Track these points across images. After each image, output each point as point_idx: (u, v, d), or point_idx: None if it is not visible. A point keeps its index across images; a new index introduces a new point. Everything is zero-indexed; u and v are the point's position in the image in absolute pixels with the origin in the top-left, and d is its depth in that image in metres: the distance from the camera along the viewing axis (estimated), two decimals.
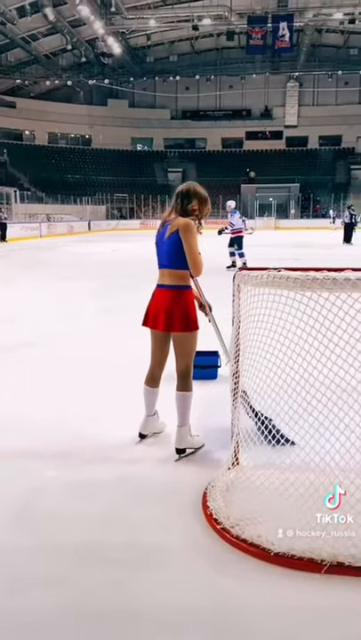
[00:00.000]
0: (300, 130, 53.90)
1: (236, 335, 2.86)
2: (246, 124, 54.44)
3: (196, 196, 3.15)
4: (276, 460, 2.94)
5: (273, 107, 54.42)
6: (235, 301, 2.88)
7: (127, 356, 5.52)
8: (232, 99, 53.66)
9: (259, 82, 51.81)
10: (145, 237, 13.81)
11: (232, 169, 50.47)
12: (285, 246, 21.17)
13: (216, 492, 2.74)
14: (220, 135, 54.39)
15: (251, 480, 2.78)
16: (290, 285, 2.40)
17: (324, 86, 51.69)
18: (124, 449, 3.39)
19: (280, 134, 54.51)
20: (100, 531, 2.58)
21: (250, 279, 2.62)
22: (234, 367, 2.90)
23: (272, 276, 2.46)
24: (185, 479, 3.01)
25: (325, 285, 2.31)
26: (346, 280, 2.29)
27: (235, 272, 2.84)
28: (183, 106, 54.62)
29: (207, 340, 5.13)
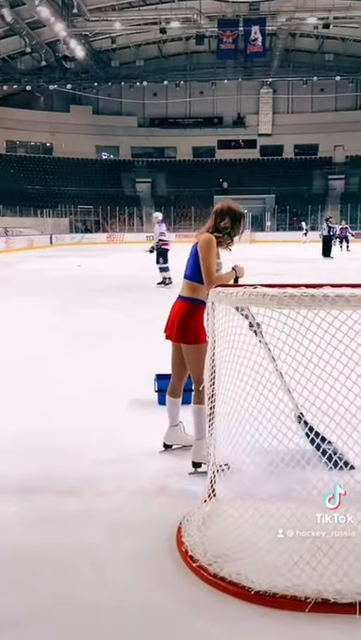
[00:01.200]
0: (274, 138, 55.02)
1: (212, 356, 2.88)
2: (218, 132, 55.32)
3: (229, 213, 3.49)
4: (254, 490, 2.95)
5: (246, 114, 55.50)
6: (209, 320, 2.90)
7: (91, 379, 5.50)
8: (203, 105, 54.54)
9: (231, 88, 52.85)
10: (112, 252, 13.85)
11: (204, 179, 51.10)
12: (262, 261, 21.41)
13: (191, 526, 2.73)
14: (190, 144, 55.12)
15: (228, 513, 2.78)
16: (266, 303, 2.44)
17: (299, 93, 53.01)
18: (92, 480, 3.36)
19: (254, 143, 55.54)
20: (65, 570, 2.54)
21: (225, 297, 2.65)
22: (209, 390, 2.91)
23: (248, 294, 2.49)
24: (157, 513, 3.00)
25: (303, 303, 2.36)
26: (324, 297, 2.34)
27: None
28: (151, 113, 55.26)
29: None
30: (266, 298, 2.42)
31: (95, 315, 9.40)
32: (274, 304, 2.42)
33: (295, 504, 2.70)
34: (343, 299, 2.32)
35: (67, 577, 2.50)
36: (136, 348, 6.72)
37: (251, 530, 2.65)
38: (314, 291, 2.39)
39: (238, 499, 2.89)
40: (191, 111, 55.39)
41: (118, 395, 4.90)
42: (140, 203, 51.60)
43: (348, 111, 53.23)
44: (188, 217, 49.25)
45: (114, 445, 3.85)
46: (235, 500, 2.88)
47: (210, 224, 3.52)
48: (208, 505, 2.90)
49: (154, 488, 3.28)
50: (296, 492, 2.78)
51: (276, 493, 2.85)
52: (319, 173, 53.08)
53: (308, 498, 2.73)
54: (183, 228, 48.70)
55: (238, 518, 2.69)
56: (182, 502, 3.06)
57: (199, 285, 3.45)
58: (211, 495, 2.94)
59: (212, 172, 52.09)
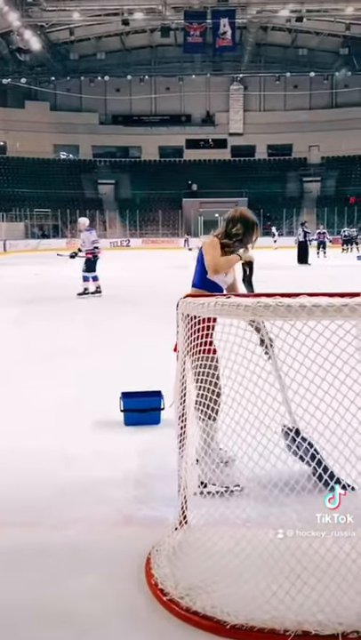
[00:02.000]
0: (246, 138, 55.72)
1: (182, 372, 2.89)
2: (186, 130, 55.78)
3: (241, 220, 3.60)
4: (229, 515, 2.96)
5: (216, 112, 56.11)
6: (179, 333, 2.91)
7: (51, 396, 5.45)
8: (169, 102, 54.95)
9: (199, 84, 53.40)
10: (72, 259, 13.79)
11: (171, 181, 51.37)
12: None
13: (161, 557, 2.72)
14: (156, 143, 55.40)
15: (201, 541, 2.78)
16: (240, 314, 2.46)
17: (272, 90, 53.87)
18: (50, 509, 3.32)
19: (224, 143, 56.14)
20: (22, 610, 2.50)
21: (195, 307, 2.67)
22: (180, 410, 2.92)
23: (220, 304, 2.51)
24: (124, 544, 2.98)
25: (279, 313, 2.39)
26: (301, 307, 2.38)
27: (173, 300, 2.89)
28: (113, 109, 55.43)
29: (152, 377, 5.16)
30: (240, 308, 2.45)
31: (56, 327, 9.34)
32: (248, 314, 2.45)
33: (273, 529, 2.72)
34: (320, 308, 2.36)
35: (24, 618, 2.46)
36: (101, 364, 6.69)
37: (226, 558, 2.66)
38: (290, 300, 2.42)
39: (212, 525, 2.89)
40: (157, 108, 55.74)
41: (81, 414, 4.87)
42: (102, 206, 51.56)
43: (324, 109, 54.29)
44: (155, 221, 49.44)
45: (75, 470, 3.82)
46: (208, 527, 2.88)
47: (220, 230, 3.63)
48: (179, 533, 2.89)
49: (119, 516, 3.26)
50: (274, 516, 2.80)
51: (253, 518, 2.86)
52: (294, 175, 53.88)
53: (286, 522, 2.75)
54: (150, 234, 48.86)
55: (212, 546, 2.69)
56: (151, 531, 3.04)
57: (202, 291, 3.52)
58: (182, 522, 2.94)
59: (180, 174, 52.42)
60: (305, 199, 52.06)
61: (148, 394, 4.72)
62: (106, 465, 3.90)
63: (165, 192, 51.20)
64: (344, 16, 41.88)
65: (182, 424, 2.92)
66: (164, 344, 4.70)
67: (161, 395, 4.68)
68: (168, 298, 13.05)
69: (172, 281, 16.61)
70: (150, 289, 14.83)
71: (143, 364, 6.36)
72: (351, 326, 2.53)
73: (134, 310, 11.05)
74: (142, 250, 43.05)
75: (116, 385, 5.07)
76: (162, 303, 11.53)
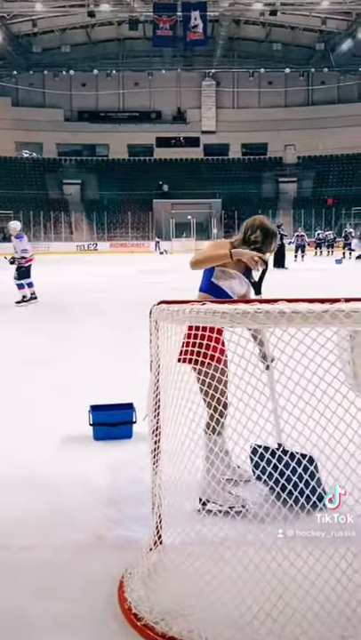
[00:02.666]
0: (219, 136, 56.12)
1: (156, 383, 2.89)
2: (156, 128, 55.98)
3: (261, 227, 3.63)
4: (206, 534, 2.96)
5: (187, 109, 56.43)
6: (152, 342, 2.91)
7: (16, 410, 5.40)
8: (138, 98, 55.10)
9: (169, 79, 53.69)
10: (35, 264, 13.67)
11: (141, 181, 51.44)
12: None
13: (135, 579, 2.71)
14: (125, 141, 55.47)
15: (177, 562, 2.77)
16: (217, 321, 2.47)
17: (246, 86, 54.41)
18: (15, 530, 3.28)
19: (196, 141, 56.46)
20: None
21: (170, 315, 2.67)
22: (153, 423, 2.91)
23: (196, 311, 2.52)
24: (95, 567, 2.95)
25: (258, 320, 2.40)
26: (280, 313, 2.39)
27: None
28: (79, 105, 55.37)
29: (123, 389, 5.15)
30: (216, 315, 2.45)
31: (14, 337, 9.25)
32: (225, 322, 2.46)
33: (253, 548, 2.72)
34: (300, 315, 2.38)
35: None
36: (66, 376, 6.64)
37: (203, 580, 2.65)
38: (268, 306, 2.43)
39: (188, 545, 2.89)
40: (125, 104, 55.84)
41: (46, 430, 4.83)
42: (67, 207, 51.38)
43: (299, 107, 55.02)
44: (124, 224, 49.41)
45: (42, 489, 3.78)
46: (184, 547, 2.87)
47: (238, 237, 3.69)
48: (154, 554, 2.88)
49: (90, 538, 3.23)
50: (252, 534, 2.80)
51: (231, 537, 2.87)
52: (269, 176, 54.39)
53: (265, 541, 2.76)
54: (119, 237, 48.79)
55: (189, 567, 2.68)
56: (124, 553, 3.02)
57: (213, 298, 3.52)
58: (157, 543, 2.93)
59: (150, 173, 52.53)
60: (281, 200, 52.57)
61: (118, 406, 4.71)
62: (74, 483, 3.86)
63: (135, 193, 51.22)
64: (320, 10, 42.59)
65: (156, 438, 2.91)
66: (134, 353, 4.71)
67: (133, 407, 4.66)
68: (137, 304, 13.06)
69: (143, 287, 16.67)
70: (118, 295, 14.79)
71: (112, 375, 6.34)
72: (332, 333, 2.56)
73: (101, 318, 11.00)
74: (110, 254, 42.94)
75: (84, 397, 5.04)
76: (130, 310, 11.56)
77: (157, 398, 2.93)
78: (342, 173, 53.27)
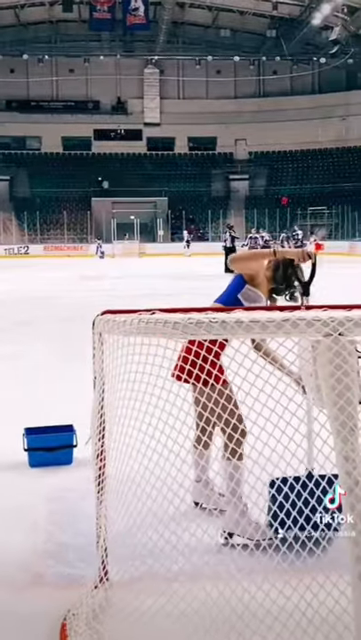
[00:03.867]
0: (164, 129, 56.44)
1: (100, 402, 2.87)
2: (94, 119, 55.89)
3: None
4: (159, 568, 2.95)
5: (128, 99, 56.58)
6: (96, 357, 2.89)
7: None
8: (74, 86, 54.92)
9: (108, 66, 53.69)
10: None
11: (78, 177, 51.25)
12: (153, 277, 21.70)
13: (79, 621, 2.68)
14: (59, 133, 55.16)
15: (126, 600, 2.75)
16: (168, 332, 2.47)
17: (192, 75, 54.86)
18: None
19: (139, 134, 56.64)
20: None
21: (115, 326, 2.66)
22: (98, 446, 2.89)
23: (145, 321, 2.51)
24: (32, 608, 2.91)
25: (213, 330, 2.41)
26: (238, 323, 2.41)
27: (95, 317, 2.86)
28: (8, 93, 54.73)
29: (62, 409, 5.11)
30: (168, 326, 2.45)
31: None
32: (178, 333, 2.46)
33: (211, 582, 2.72)
34: (259, 324, 2.40)
35: None
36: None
37: (156, 619, 2.64)
38: (224, 315, 2.45)
39: (138, 581, 2.87)
40: (60, 93, 55.59)
41: None
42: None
43: (251, 98, 55.85)
44: (59, 224, 49.06)
45: None
46: (133, 583, 2.86)
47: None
48: (99, 592, 2.86)
49: (27, 575, 3.19)
50: (209, 566, 2.81)
51: (186, 571, 2.86)
52: (219, 173, 54.96)
53: (223, 574, 2.76)
54: (53, 239, 48.40)
55: (140, 606, 2.67)
56: (66, 592, 2.99)
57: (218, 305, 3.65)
58: (102, 579, 2.90)
59: (87, 169, 52.40)
60: (232, 199, 53.16)
61: (57, 429, 4.66)
62: (8, 515, 3.81)
63: (71, 190, 50.96)
64: None
65: (101, 463, 2.89)
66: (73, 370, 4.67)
67: (73, 429, 4.62)
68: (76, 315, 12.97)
69: (81, 294, 16.55)
70: (54, 305, 14.64)
71: (49, 395, 6.26)
72: (294, 344, 2.60)
73: (34, 331, 10.84)
74: (44, 258, 42.57)
75: (18, 420, 4.96)
76: (68, 321, 11.45)
77: (102, 419, 2.91)
78: (297, 171, 54.27)
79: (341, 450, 2.38)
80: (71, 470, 4.50)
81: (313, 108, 53.47)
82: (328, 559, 2.59)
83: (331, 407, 2.41)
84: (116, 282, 21.01)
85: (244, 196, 53.68)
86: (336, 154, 54.27)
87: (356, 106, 52.96)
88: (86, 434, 3.91)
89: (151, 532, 2.93)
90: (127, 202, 48.52)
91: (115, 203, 49.39)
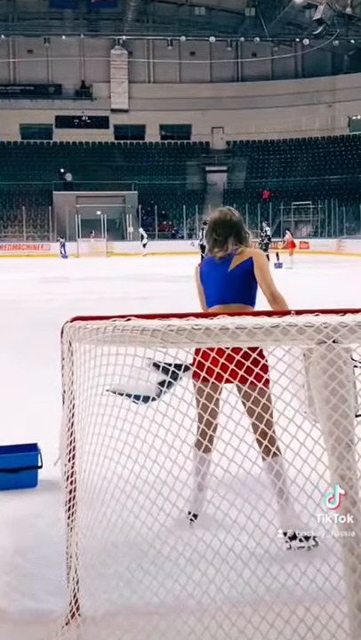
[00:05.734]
0: (133, 116, 56.49)
1: (70, 418, 2.86)
2: (56, 105, 55.81)
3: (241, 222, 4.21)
4: (137, 601, 2.93)
5: (93, 82, 56.60)
6: (65, 368, 2.88)
7: None
8: (33, 69, 54.79)
9: (71, 47, 53.64)
10: None
11: (38, 169, 51.12)
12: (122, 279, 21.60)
13: None
14: (17, 120, 54.97)
15: (101, 637, 2.74)
16: (147, 340, 2.47)
17: (164, 57, 54.96)
18: None
19: (105, 121, 56.66)
20: None
21: (87, 334, 2.65)
22: (68, 467, 2.88)
23: (120, 328, 2.51)
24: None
25: (196, 338, 2.41)
26: (223, 330, 2.41)
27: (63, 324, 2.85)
28: None
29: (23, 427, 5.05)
30: (146, 333, 2.45)
31: None
32: (156, 341, 2.46)
33: (195, 616, 2.72)
34: (246, 331, 2.41)
35: None
36: None
37: None
38: (208, 322, 2.46)
39: (113, 615, 2.86)
40: (17, 76, 55.43)
41: None
42: None
43: (228, 83, 56.21)
44: (18, 220, 48.76)
45: None
46: (108, 618, 2.85)
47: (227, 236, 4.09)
48: (71, 629, 2.84)
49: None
50: (193, 598, 2.80)
51: (167, 603, 2.86)
52: (194, 164, 55.13)
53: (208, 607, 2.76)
54: (11, 236, 48.11)
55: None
56: (32, 628, 2.97)
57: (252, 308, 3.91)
58: (74, 614, 2.89)
59: (49, 160, 52.29)
60: (209, 193, 53.29)
61: (19, 448, 4.63)
62: None
63: (30, 183, 50.78)
64: None
65: (71, 486, 2.88)
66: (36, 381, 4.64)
67: (37, 448, 4.60)
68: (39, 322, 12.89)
69: (44, 299, 16.48)
70: (12, 310, 14.53)
71: (9, 411, 6.21)
72: (284, 352, 2.60)
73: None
74: (1, 258, 42.28)
75: None
76: (29, 329, 11.38)
77: (72, 437, 2.90)
78: (280, 162, 54.64)
79: (337, 468, 2.39)
80: (36, 493, 4.47)
81: (296, 94, 53.88)
82: (325, 588, 2.60)
83: (325, 421, 2.43)
84: (82, 284, 20.92)
85: (221, 190, 53.87)
86: (322, 143, 54.76)
87: (343, 91, 53.54)
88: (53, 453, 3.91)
89: (128, 562, 2.93)
90: (93, 196, 48.44)
91: (79, 197, 49.27)
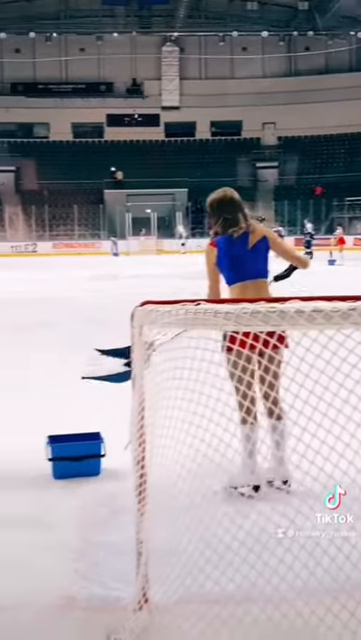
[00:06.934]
0: (183, 113, 56.46)
1: (140, 403, 2.86)
2: (107, 103, 56.08)
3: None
4: (200, 589, 2.91)
5: (144, 80, 56.70)
6: (135, 353, 2.88)
7: None
8: (85, 67, 55.15)
9: (122, 44, 53.88)
10: None
11: (89, 167, 51.39)
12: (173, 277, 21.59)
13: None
14: (69, 119, 55.43)
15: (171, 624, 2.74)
16: (219, 323, 2.46)
17: (215, 53, 54.84)
18: None
19: (156, 119, 56.71)
20: None
21: (158, 317, 2.64)
22: (138, 452, 2.88)
23: (193, 311, 2.50)
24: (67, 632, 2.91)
25: (271, 320, 2.39)
26: (298, 313, 2.38)
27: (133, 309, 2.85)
28: (12, 76, 55.19)
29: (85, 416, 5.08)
30: (219, 316, 2.44)
31: None
32: (230, 324, 2.44)
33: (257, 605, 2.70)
34: (323, 314, 2.37)
35: None
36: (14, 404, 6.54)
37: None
38: (283, 305, 2.43)
39: (182, 603, 2.85)
40: (69, 75, 55.85)
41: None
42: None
43: (280, 78, 55.75)
44: (70, 219, 49.23)
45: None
46: (177, 606, 2.84)
47: (237, 214, 4.58)
48: (142, 615, 2.84)
49: (57, 599, 3.16)
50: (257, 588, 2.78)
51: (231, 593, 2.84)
52: (245, 160, 54.86)
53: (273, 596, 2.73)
54: (63, 235, 48.55)
55: (190, 630, 2.65)
56: (100, 615, 2.98)
57: None
58: (144, 601, 2.89)
59: (100, 158, 52.52)
60: (259, 190, 53.00)
61: (83, 437, 4.65)
62: (32, 532, 3.80)
63: (82, 182, 51.13)
64: None
65: (142, 471, 2.88)
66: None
67: (100, 437, 4.61)
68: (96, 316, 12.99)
69: (97, 296, 16.61)
70: (71, 306, 14.67)
71: (68, 402, 6.26)
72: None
73: (45, 335, 10.83)
74: (53, 256, 42.72)
75: (39, 427, 4.97)
76: (83, 323, 11.48)
77: (142, 422, 2.90)
78: (333, 157, 54.08)
79: None
80: (100, 482, 4.49)
81: (350, 88, 53.14)
82: None
83: None
84: (132, 281, 21.03)
85: (272, 186, 53.58)
86: None
87: None
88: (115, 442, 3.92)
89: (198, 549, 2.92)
90: (143, 194, 48.58)
91: (129, 195, 49.50)
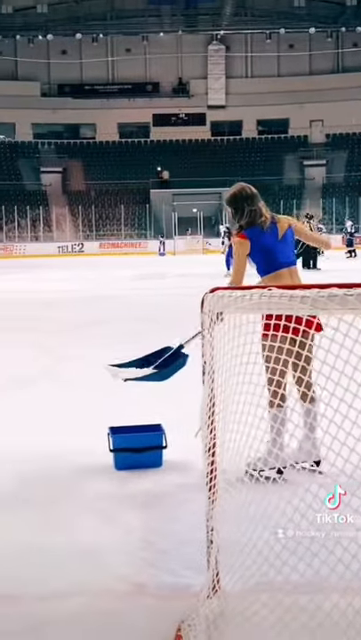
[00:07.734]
0: (229, 112, 56.40)
1: (211, 390, 2.85)
2: (153, 103, 56.29)
3: None
4: (275, 577, 2.90)
5: (190, 79, 56.78)
6: (205, 339, 2.88)
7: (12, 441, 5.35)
8: (131, 67, 55.43)
9: (168, 44, 54.02)
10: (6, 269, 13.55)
11: (136, 167, 51.65)
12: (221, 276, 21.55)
13: (197, 632, 2.66)
14: (115, 119, 55.78)
15: (251, 610, 2.73)
16: (295, 307, 2.44)
17: (262, 50, 54.69)
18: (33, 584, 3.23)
19: (202, 118, 56.76)
20: None
21: (231, 301, 2.64)
22: (208, 440, 2.87)
23: (268, 296, 2.49)
24: (138, 621, 2.92)
25: (348, 304, 2.36)
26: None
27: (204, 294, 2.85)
28: (60, 77, 55.72)
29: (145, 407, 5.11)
30: (294, 299, 2.42)
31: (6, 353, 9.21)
32: (305, 308, 2.42)
33: (338, 592, 2.67)
34: None
35: None
36: (74, 395, 6.62)
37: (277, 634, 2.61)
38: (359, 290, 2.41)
39: (253, 591, 2.84)
40: (116, 75, 56.20)
41: (55, 460, 4.79)
42: (46, 200, 51.62)
43: (328, 75, 55.36)
44: (116, 219, 49.50)
45: (60, 531, 3.75)
46: (248, 594, 2.83)
47: (259, 206, 4.84)
48: (214, 602, 2.83)
49: (127, 586, 3.19)
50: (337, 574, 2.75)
51: (308, 579, 2.82)
52: (292, 158, 54.62)
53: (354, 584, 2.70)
54: (109, 235, 48.83)
55: (267, 617, 2.64)
56: (170, 602, 3.00)
57: None
58: (216, 588, 2.88)
59: (146, 158, 52.76)
60: (307, 188, 52.74)
61: (144, 428, 4.68)
62: (97, 522, 3.83)
63: (128, 182, 51.42)
64: None
65: (212, 458, 2.87)
66: None
67: (162, 429, 4.63)
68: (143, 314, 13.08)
69: (146, 294, 16.68)
70: (122, 304, 14.76)
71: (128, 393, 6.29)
72: None
73: (98, 332, 10.92)
74: (100, 256, 43.00)
75: (98, 419, 5.00)
76: (135, 321, 11.56)
77: (213, 409, 2.89)
78: None
79: None
80: (162, 473, 4.50)
81: None
82: None
83: None
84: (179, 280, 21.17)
85: (320, 184, 53.20)
86: None
87: None
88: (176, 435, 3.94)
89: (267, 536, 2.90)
90: (189, 193, 48.61)
91: (175, 195, 49.59)
